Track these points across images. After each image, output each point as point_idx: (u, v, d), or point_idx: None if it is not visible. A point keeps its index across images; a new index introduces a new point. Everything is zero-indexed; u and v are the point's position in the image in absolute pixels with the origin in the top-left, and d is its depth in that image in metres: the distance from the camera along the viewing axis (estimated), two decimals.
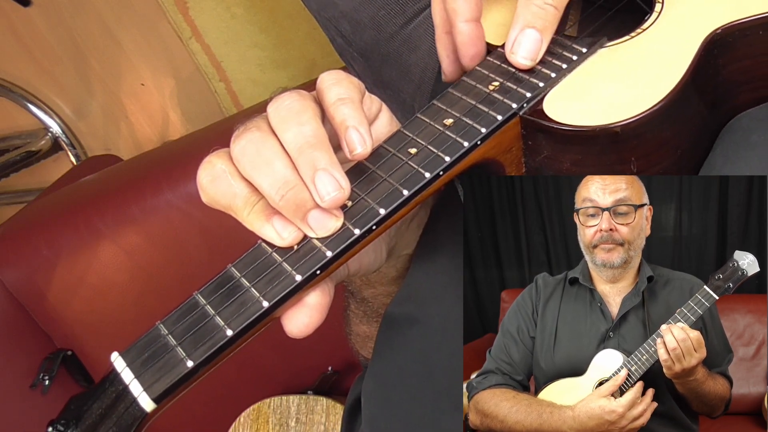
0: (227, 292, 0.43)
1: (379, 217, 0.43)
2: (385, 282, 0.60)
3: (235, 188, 0.44)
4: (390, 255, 0.57)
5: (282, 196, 0.43)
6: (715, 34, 0.47)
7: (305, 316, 0.43)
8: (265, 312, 0.42)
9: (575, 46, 0.50)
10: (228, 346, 0.41)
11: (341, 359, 1.19)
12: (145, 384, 0.41)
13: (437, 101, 0.49)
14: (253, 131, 0.45)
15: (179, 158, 1.18)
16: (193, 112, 1.76)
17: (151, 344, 0.42)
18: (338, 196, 0.42)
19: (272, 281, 0.42)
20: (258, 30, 1.56)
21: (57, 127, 1.81)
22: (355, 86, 0.47)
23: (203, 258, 1.12)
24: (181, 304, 0.43)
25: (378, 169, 0.45)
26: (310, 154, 0.43)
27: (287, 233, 0.43)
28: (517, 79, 0.48)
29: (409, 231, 0.58)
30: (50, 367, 1.15)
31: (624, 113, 0.44)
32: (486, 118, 0.46)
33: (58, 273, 1.15)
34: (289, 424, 1.17)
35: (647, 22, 0.50)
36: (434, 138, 0.46)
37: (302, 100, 0.46)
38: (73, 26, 1.72)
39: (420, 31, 0.88)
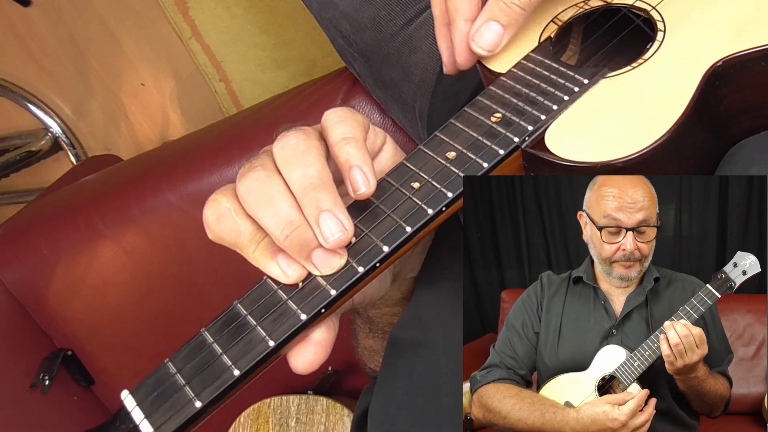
0: (234, 330, 0.43)
1: (383, 254, 0.44)
2: (390, 304, 0.61)
3: (240, 226, 0.45)
4: (395, 279, 0.58)
5: (287, 236, 0.43)
6: (717, 66, 0.46)
7: (310, 353, 0.44)
8: (271, 351, 0.42)
9: (577, 77, 0.49)
10: (235, 386, 0.42)
11: (341, 359, 1.19)
12: (155, 424, 0.42)
13: (440, 133, 0.49)
14: (259, 170, 0.45)
15: (179, 158, 1.18)
16: (193, 112, 1.76)
17: (160, 383, 0.43)
18: (342, 238, 0.43)
19: (278, 320, 0.43)
20: (258, 30, 1.56)
21: (57, 127, 1.81)
22: (359, 124, 0.48)
23: (203, 258, 1.12)
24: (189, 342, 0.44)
25: (381, 204, 0.46)
26: (314, 195, 0.43)
27: (292, 271, 0.44)
28: (519, 111, 0.48)
29: (414, 255, 0.59)
30: (50, 367, 1.15)
31: (626, 149, 0.44)
32: (488, 152, 0.46)
33: (58, 273, 1.15)
34: (289, 424, 1.17)
35: (649, 52, 0.50)
36: (437, 172, 0.46)
37: (307, 140, 0.46)
38: (73, 26, 1.72)
39: (421, 32, 0.88)
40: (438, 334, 0.55)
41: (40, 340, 1.19)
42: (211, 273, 1.12)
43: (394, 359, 0.56)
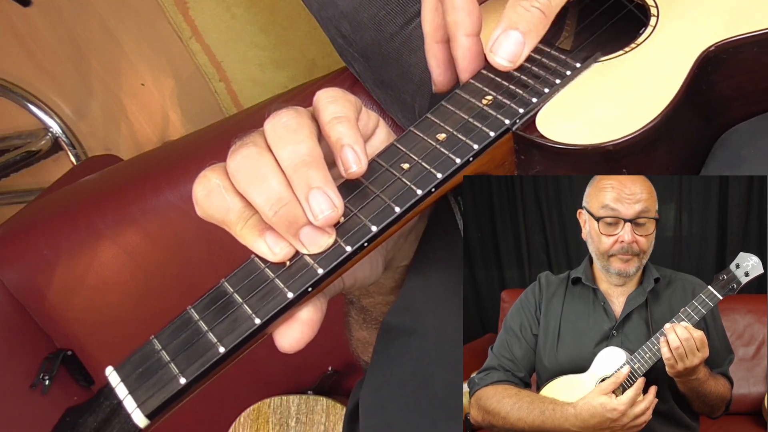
0: (220, 307, 0.43)
1: (371, 234, 0.44)
2: (384, 292, 0.61)
3: (229, 203, 0.45)
4: (388, 267, 0.58)
5: (275, 212, 0.43)
6: (709, 51, 0.46)
7: (297, 331, 0.44)
8: (257, 329, 0.42)
9: (569, 61, 0.49)
10: (220, 363, 0.42)
11: (341, 359, 1.19)
12: (139, 400, 0.41)
13: (430, 115, 0.49)
14: (250, 147, 0.45)
15: (179, 158, 1.18)
16: (193, 112, 1.76)
17: (145, 359, 0.43)
18: (331, 215, 0.43)
19: (265, 298, 0.43)
20: (258, 30, 1.56)
21: (57, 127, 1.81)
22: (351, 104, 0.48)
23: (203, 258, 1.12)
24: (175, 319, 0.44)
25: (371, 185, 0.46)
26: (305, 172, 0.43)
27: (279, 248, 0.44)
28: (510, 94, 0.48)
29: (407, 243, 0.58)
30: (50, 367, 1.15)
31: (617, 132, 0.44)
32: (479, 134, 0.46)
33: (58, 273, 1.15)
34: (289, 424, 1.17)
35: (642, 37, 0.50)
36: (427, 153, 0.46)
37: (299, 118, 0.46)
38: (73, 26, 1.72)
39: (421, 32, 0.88)
40: (430, 321, 0.55)
41: (40, 340, 1.19)
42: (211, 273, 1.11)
43: (385, 346, 0.56)
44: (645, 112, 0.44)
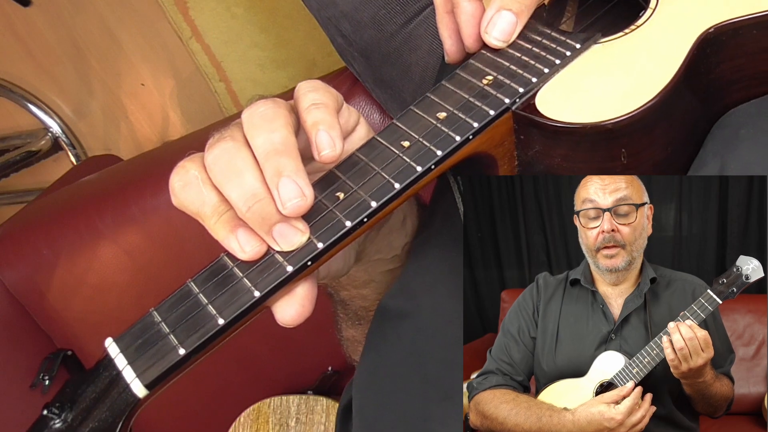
0: (220, 280, 0.44)
1: (371, 209, 0.44)
2: (357, 285, 0.61)
3: (204, 196, 0.45)
4: (359, 259, 0.57)
5: (249, 208, 0.43)
6: (708, 32, 0.47)
7: (297, 304, 0.44)
8: (257, 301, 0.43)
9: (569, 42, 0.50)
10: (220, 335, 0.42)
11: (341, 359, 1.19)
12: (138, 370, 0.42)
13: (431, 94, 0.49)
14: (227, 140, 0.45)
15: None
16: (193, 112, 1.76)
17: (145, 331, 0.43)
18: (300, 204, 0.43)
19: (265, 271, 0.43)
20: (258, 30, 1.56)
21: (57, 127, 1.81)
22: (331, 95, 0.48)
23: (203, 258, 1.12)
24: (175, 292, 0.44)
25: (371, 162, 0.46)
26: (276, 160, 0.43)
27: (249, 247, 0.44)
28: (510, 74, 0.48)
29: (379, 236, 0.58)
30: (50, 367, 1.15)
31: (615, 111, 0.44)
32: (479, 112, 0.47)
33: (58, 273, 1.15)
34: (289, 424, 1.17)
35: (641, 19, 0.50)
36: (427, 131, 0.46)
37: (276, 107, 0.46)
38: (73, 26, 1.72)
39: (420, 31, 0.88)
40: (426, 302, 0.55)
41: (40, 340, 1.19)
42: None
43: (381, 326, 0.56)
44: (644, 92, 0.45)
